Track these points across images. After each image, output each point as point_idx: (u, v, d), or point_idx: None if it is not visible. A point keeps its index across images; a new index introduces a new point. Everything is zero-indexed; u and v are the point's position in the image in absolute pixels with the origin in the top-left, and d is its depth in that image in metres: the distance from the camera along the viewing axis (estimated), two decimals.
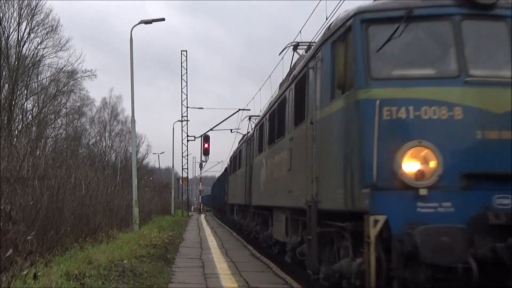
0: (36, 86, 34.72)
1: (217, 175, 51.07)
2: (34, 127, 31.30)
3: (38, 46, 32.54)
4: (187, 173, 44.78)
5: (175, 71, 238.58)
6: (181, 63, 40.88)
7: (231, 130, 34.60)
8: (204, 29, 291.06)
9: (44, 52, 33.21)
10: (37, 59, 33.02)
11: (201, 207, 55.63)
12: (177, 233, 19.46)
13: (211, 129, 37.36)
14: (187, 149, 44.27)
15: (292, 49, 12.08)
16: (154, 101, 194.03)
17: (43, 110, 34.35)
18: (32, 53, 32.45)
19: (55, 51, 33.52)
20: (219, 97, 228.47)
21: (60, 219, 10.47)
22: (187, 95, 42.19)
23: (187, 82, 40.88)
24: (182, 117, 40.80)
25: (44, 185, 10.56)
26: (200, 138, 38.18)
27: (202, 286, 8.04)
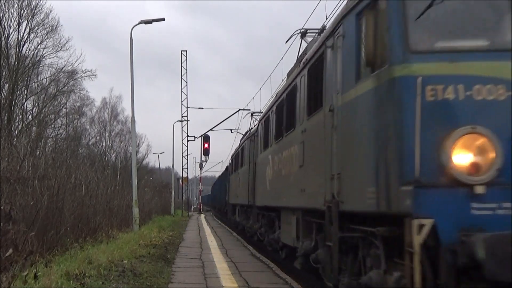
0: (36, 86, 34.82)
1: (217, 175, 51.17)
2: (34, 127, 31.35)
3: (38, 46, 32.71)
4: (187, 173, 44.85)
5: (175, 71, 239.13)
6: (181, 63, 40.95)
7: (231, 130, 34.58)
8: (204, 29, 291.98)
9: (44, 52, 33.39)
10: (37, 59, 33.16)
11: (201, 207, 55.59)
12: (177, 233, 19.45)
13: (211, 129, 37.40)
14: (187, 149, 44.40)
15: (300, 37, 11.37)
16: (154, 101, 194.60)
17: (43, 110, 34.41)
18: (32, 53, 32.61)
19: (55, 51, 33.70)
20: (219, 97, 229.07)
21: (60, 219, 10.48)
22: (187, 95, 42.32)
23: (187, 82, 40.98)
24: (182, 117, 40.87)
25: (44, 185, 10.57)
26: (200, 138, 38.26)
27: (202, 286, 8.04)
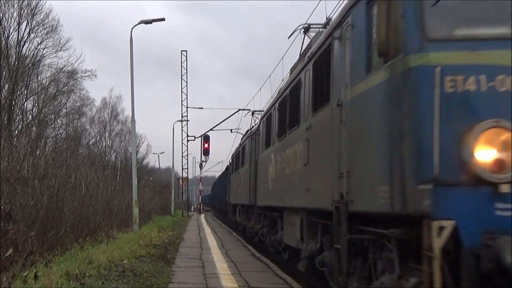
0: (36, 86, 34.84)
1: (217, 175, 51.19)
2: (34, 127, 31.37)
3: (38, 46, 32.73)
4: (187, 173, 44.83)
5: (175, 71, 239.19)
6: (181, 63, 40.94)
7: (231, 130, 34.61)
8: (203, 29, 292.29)
9: (44, 52, 33.40)
10: (37, 59, 33.18)
11: (201, 207, 55.60)
12: (177, 233, 19.46)
13: (211, 129, 37.42)
14: (187, 149, 44.32)
15: (303, 32, 11.20)
16: (154, 101, 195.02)
17: (43, 110, 34.42)
18: (32, 53, 32.63)
19: (55, 51, 33.71)
20: (219, 97, 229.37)
21: (60, 219, 10.48)
22: (187, 95, 42.29)
23: (187, 82, 40.96)
24: (182, 117, 40.86)
25: (44, 185, 10.57)
26: (200, 138, 38.27)
27: (202, 286, 8.04)
